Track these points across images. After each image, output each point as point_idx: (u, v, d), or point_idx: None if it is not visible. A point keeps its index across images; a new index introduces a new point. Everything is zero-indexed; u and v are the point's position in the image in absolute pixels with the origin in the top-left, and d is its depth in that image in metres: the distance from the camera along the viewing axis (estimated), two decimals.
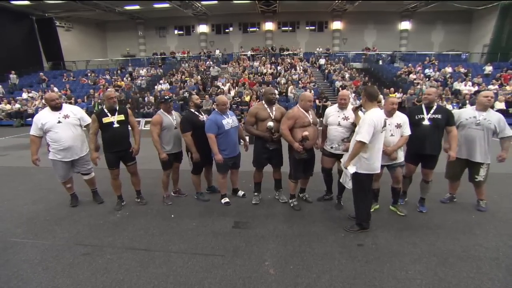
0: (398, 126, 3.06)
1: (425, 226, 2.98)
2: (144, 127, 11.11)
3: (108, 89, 13.92)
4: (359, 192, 2.80)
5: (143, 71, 16.20)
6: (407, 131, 3.07)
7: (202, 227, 3.01)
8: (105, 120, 3.22)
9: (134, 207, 3.52)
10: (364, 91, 2.70)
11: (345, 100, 3.22)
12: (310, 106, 3.22)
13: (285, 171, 3.51)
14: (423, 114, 3.16)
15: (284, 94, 12.93)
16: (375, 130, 2.58)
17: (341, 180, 3.02)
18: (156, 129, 3.29)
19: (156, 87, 14.31)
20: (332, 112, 3.33)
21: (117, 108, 3.33)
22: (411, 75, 13.72)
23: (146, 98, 12.65)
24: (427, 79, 13.27)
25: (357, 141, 2.59)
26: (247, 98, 12.39)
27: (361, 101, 2.78)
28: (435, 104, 3.19)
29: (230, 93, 12.74)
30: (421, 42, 19.68)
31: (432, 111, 3.16)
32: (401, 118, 3.08)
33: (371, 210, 3.18)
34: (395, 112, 3.09)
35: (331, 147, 3.25)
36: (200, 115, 3.48)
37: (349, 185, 2.81)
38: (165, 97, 3.41)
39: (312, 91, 12.70)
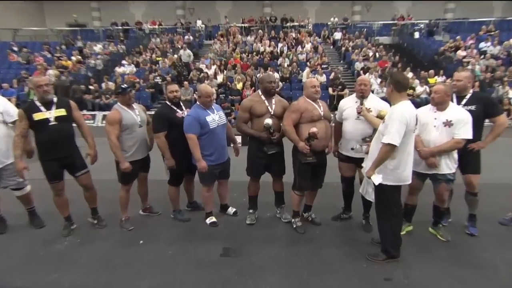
0: (448, 123, 3.06)
1: (477, 256, 2.99)
2: (102, 123, 11.26)
3: (49, 72, 13.37)
4: (384, 209, 2.83)
5: (98, 47, 16.03)
6: (462, 133, 3.01)
7: (181, 256, 3.03)
8: (37, 116, 3.06)
9: (88, 231, 3.51)
10: (390, 79, 2.74)
11: (365, 86, 3.32)
12: (316, 94, 3.30)
13: (288, 181, 3.56)
14: None
15: (287, 80, 13.09)
16: (407, 129, 2.60)
17: (360, 191, 3.18)
18: (114, 129, 3.25)
19: (117, 69, 14.25)
20: (349, 103, 3.44)
21: (55, 100, 3.21)
22: (459, 52, 13.72)
23: (103, 85, 12.67)
24: (482, 56, 13.15)
25: (385, 144, 2.62)
26: (239, 86, 12.44)
27: (386, 92, 2.83)
28: (469, 92, 3.27)
29: (216, 79, 12.82)
30: (476, 5, 18.73)
31: (464, 101, 3.24)
32: (456, 114, 3.06)
33: (402, 232, 3.23)
34: (447, 105, 3.10)
35: (351, 149, 3.33)
36: (177, 109, 3.52)
37: (371, 197, 2.94)
38: (123, 86, 3.40)
39: (324, 76, 12.85)
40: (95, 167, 3.48)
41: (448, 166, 3.13)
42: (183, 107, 3.59)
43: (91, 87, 12.63)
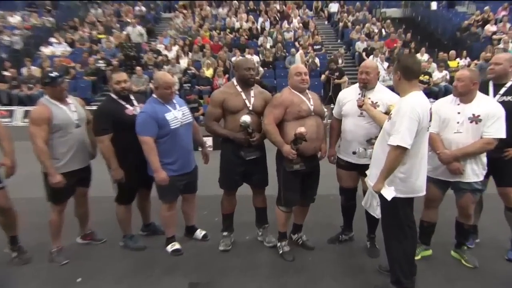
0: (475, 119, 3.10)
1: None
2: (24, 121, 10.80)
3: None
4: (393, 228, 2.88)
5: (15, 19, 15.74)
6: (493, 132, 3.07)
7: None
8: None
9: (4, 267, 3.44)
10: (397, 64, 2.80)
11: (367, 75, 3.38)
12: (302, 83, 3.38)
13: (272, 195, 3.62)
14: (488, 96, 3.34)
15: (270, 66, 13.24)
16: (419, 127, 2.65)
17: (363, 204, 3.20)
18: (40, 131, 3.22)
19: (43, 49, 14.01)
20: (350, 95, 3.52)
21: None
22: (487, 27, 14.09)
23: (24, 70, 12.35)
24: None
25: (393, 147, 2.66)
26: (208, 73, 12.56)
27: (393, 80, 2.89)
28: (510, 79, 3.35)
29: (179, 64, 12.84)
30: None
31: (503, 90, 3.34)
32: (485, 107, 3.10)
33: (417, 257, 3.31)
34: (473, 95, 3.15)
35: (353, 153, 3.40)
36: (127, 104, 3.54)
37: (377, 212, 3.00)
38: (52, 74, 3.40)
39: (317, 60, 13.07)
40: (14, 182, 3.36)
41: (475, 172, 3.17)
42: (135, 101, 3.59)
43: (6, 73, 12.35)
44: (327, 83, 11.31)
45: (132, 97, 3.63)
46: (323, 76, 11.47)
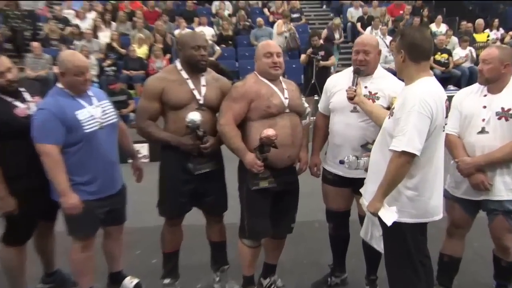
0: (506, 114, 3.18)
1: None
2: None
3: None
4: (399, 266, 2.90)
5: None
6: None
7: None
8: None
9: None
10: (400, 40, 2.85)
11: (366, 53, 3.45)
12: (274, 69, 3.42)
13: (233, 223, 3.67)
14: None
15: (230, 42, 13.30)
16: (432, 126, 2.70)
17: (362, 234, 3.24)
18: None
19: None
20: (341, 83, 3.56)
21: None
22: None
23: None
24: None
25: (397, 154, 2.69)
26: (141, 52, 12.52)
27: (395, 62, 2.95)
28: None
29: (97, 39, 12.73)
30: None
31: None
32: None
33: None
34: (504, 83, 3.22)
35: (341, 162, 3.40)
36: (16, 101, 3.46)
37: (380, 246, 3.03)
38: None
39: (297, 37, 13.15)
40: None
41: (508, 187, 3.22)
42: (26, 94, 3.51)
43: None
44: (309, 66, 11.13)
45: (22, 89, 3.52)
46: (303, 57, 11.23)
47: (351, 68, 3.58)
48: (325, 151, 3.72)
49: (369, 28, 12.82)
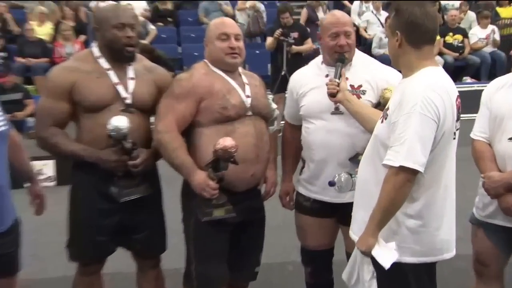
0: None
1: None
2: None
3: None
4: None
5: None
6: None
7: None
8: None
9: None
10: (395, 18, 2.73)
11: (347, 36, 3.35)
12: (231, 57, 3.27)
13: (176, 270, 3.63)
14: None
15: (169, 19, 13.10)
16: (438, 132, 2.60)
17: (344, 277, 3.02)
18: None
19: None
20: (310, 80, 3.50)
21: None
22: None
23: None
24: None
25: (394, 170, 2.57)
26: (42, 33, 12.48)
27: (388, 46, 2.87)
28: None
29: None
30: None
31: None
32: None
33: None
34: None
35: (330, 184, 3.23)
36: None
37: None
38: None
39: (262, 17, 13.17)
40: None
41: None
42: None
43: None
44: (278, 53, 10.96)
45: None
46: (269, 40, 11.02)
47: (318, 59, 3.54)
48: (300, 170, 3.55)
49: (357, 2, 12.84)
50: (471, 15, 12.19)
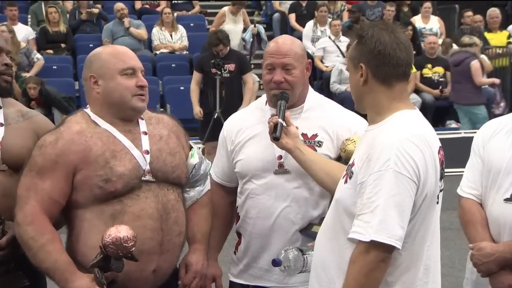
0: None
1: None
2: None
3: None
4: None
5: None
6: None
7: None
8: None
9: None
10: (357, 45, 2.80)
11: (285, 68, 3.38)
12: (139, 97, 3.14)
13: None
14: None
15: (62, 46, 12.98)
16: (418, 195, 2.61)
17: None
18: None
19: None
20: (249, 126, 3.55)
21: None
22: None
23: None
24: None
25: (363, 246, 2.60)
26: None
27: (350, 82, 2.90)
28: None
29: None
30: None
31: None
32: None
33: None
34: None
35: (273, 263, 3.28)
36: None
37: None
38: None
39: (182, 32, 13.16)
40: None
41: None
42: None
43: None
44: (209, 90, 10.54)
45: None
46: (196, 75, 10.84)
47: (261, 99, 3.54)
48: (235, 250, 3.42)
49: (310, 23, 12.85)
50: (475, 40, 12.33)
